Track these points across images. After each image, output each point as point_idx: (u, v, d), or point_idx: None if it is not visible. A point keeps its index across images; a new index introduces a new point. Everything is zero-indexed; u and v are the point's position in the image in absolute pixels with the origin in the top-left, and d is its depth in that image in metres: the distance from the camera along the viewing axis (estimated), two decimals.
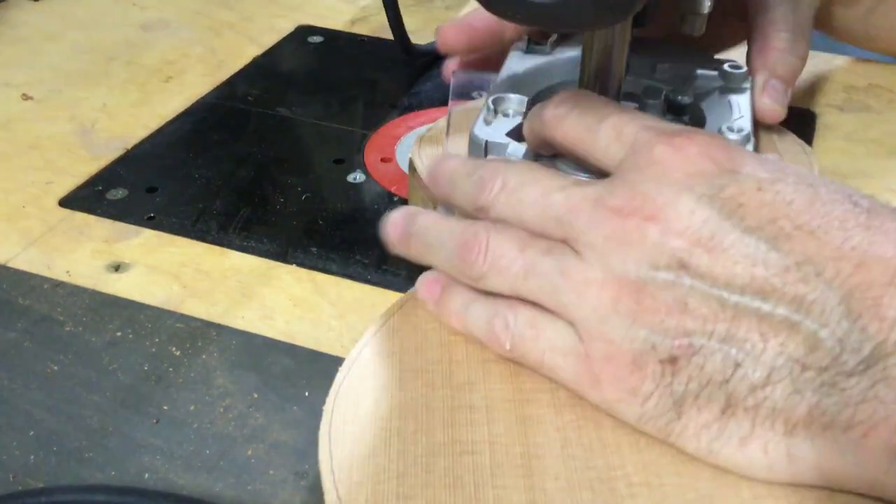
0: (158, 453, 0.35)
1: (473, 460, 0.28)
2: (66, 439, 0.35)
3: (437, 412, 0.30)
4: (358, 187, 0.50)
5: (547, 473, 0.28)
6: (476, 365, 0.32)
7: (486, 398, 0.31)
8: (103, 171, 0.52)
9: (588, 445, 0.29)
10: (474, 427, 0.30)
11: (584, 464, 0.28)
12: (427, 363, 0.32)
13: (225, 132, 0.56)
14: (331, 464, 0.29)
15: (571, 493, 0.27)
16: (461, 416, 0.30)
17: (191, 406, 0.37)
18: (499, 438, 0.29)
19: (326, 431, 0.30)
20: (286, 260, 0.45)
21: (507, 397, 0.31)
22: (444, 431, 0.30)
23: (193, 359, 0.39)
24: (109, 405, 0.37)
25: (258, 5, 0.73)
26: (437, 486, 0.28)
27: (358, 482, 0.28)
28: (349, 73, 0.63)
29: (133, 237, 0.46)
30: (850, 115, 0.58)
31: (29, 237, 0.46)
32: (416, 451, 0.29)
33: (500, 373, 0.32)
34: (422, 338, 0.33)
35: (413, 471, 0.28)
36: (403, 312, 0.35)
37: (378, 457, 0.29)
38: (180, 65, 0.64)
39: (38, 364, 0.38)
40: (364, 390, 0.31)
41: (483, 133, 0.39)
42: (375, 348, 0.33)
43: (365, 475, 0.28)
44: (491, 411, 0.30)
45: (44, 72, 0.63)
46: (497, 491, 0.27)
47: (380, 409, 0.31)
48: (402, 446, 0.29)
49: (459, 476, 0.28)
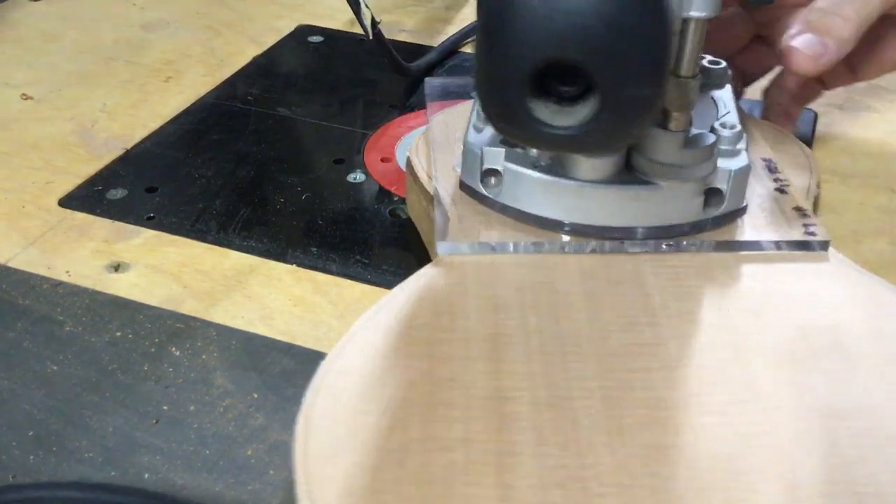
0: (158, 453, 0.35)
1: (447, 457, 0.28)
2: (66, 439, 0.35)
3: (416, 408, 0.30)
4: (358, 187, 0.50)
5: (519, 472, 0.28)
6: (459, 362, 0.32)
7: (466, 396, 0.31)
8: (103, 170, 0.52)
9: (563, 444, 0.29)
10: (451, 424, 0.30)
11: (558, 462, 0.28)
12: (410, 359, 0.32)
13: (225, 132, 0.56)
14: (303, 456, 0.29)
15: (542, 492, 0.27)
16: (439, 412, 0.30)
17: (191, 406, 0.37)
18: (474, 436, 0.29)
19: (303, 424, 0.30)
20: (286, 260, 0.45)
21: (487, 395, 0.31)
22: (420, 428, 0.30)
23: (193, 359, 0.39)
24: (109, 405, 0.37)
25: (258, 5, 0.73)
26: (407, 482, 0.28)
27: (330, 476, 0.28)
28: (349, 73, 0.63)
29: (133, 237, 0.46)
30: (850, 115, 0.58)
31: (29, 237, 0.46)
32: (390, 447, 0.29)
33: (482, 371, 0.32)
34: (406, 334, 0.34)
35: (386, 466, 0.28)
36: (390, 308, 0.35)
37: (352, 451, 0.29)
38: (180, 65, 0.64)
39: (38, 364, 0.38)
40: (344, 384, 0.31)
41: (476, 140, 0.39)
42: (359, 343, 0.33)
43: (337, 469, 0.28)
44: (469, 409, 0.30)
45: (44, 72, 0.63)
46: (468, 488, 0.28)
47: (358, 403, 0.31)
48: (377, 441, 0.29)
49: (431, 473, 0.28)
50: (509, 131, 0.30)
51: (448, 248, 0.38)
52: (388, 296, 0.36)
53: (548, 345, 0.33)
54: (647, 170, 0.37)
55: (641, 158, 0.37)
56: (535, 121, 0.29)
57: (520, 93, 0.28)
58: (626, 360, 0.32)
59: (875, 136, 0.55)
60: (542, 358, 0.32)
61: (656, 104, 0.29)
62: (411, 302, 0.35)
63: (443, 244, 0.38)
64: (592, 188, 0.37)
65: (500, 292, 0.35)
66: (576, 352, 0.32)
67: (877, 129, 0.56)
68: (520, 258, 0.37)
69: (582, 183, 0.37)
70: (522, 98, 0.29)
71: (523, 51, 0.28)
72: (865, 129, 0.56)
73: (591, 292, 0.35)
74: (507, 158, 0.38)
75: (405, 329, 0.34)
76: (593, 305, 0.35)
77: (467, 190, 0.40)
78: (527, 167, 0.38)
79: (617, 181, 0.37)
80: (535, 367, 0.32)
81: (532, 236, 0.38)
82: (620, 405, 0.30)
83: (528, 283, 0.36)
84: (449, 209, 0.40)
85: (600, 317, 0.34)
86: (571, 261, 0.37)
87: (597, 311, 0.34)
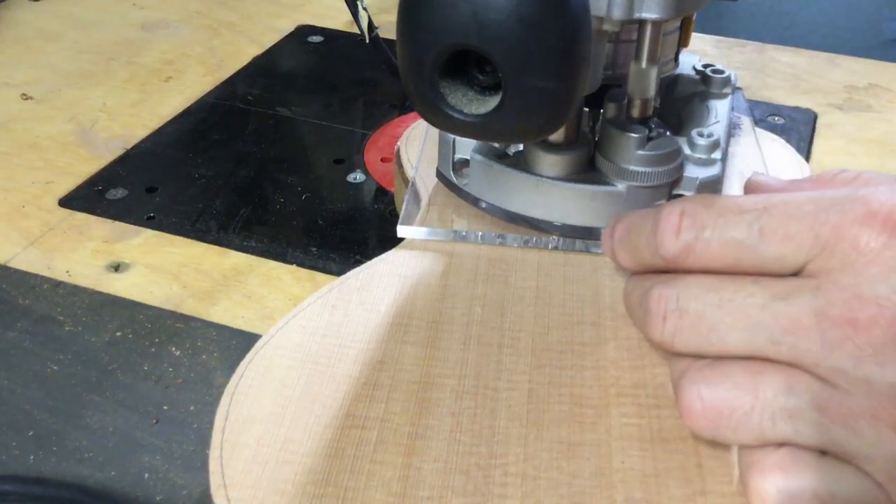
0: (158, 453, 0.35)
1: (360, 435, 0.29)
2: (66, 439, 0.35)
3: (342, 386, 0.31)
4: (358, 187, 0.50)
5: (428, 454, 0.29)
6: (394, 346, 0.33)
7: (394, 378, 0.31)
8: (103, 170, 0.52)
9: (477, 433, 0.29)
10: (372, 404, 0.30)
11: (468, 449, 0.29)
12: (347, 340, 0.33)
13: (225, 132, 0.56)
14: (224, 423, 0.30)
15: (445, 476, 0.28)
16: (364, 392, 0.31)
17: (191, 406, 0.37)
18: (392, 417, 0.30)
19: (230, 391, 0.31)
20: (286, 260, 0.45)
21: (414, 380, 0.31)
22: (341, 405, 0.30)
23: (193, 359, 0.39)
24: (109, 405, 0.37)
25: (258, 5, 0.73)
26: (317, 455, 0.29)
27: (244, 443, 0.29)
28: (349, 73, 0.63)
29: (133, 237, 0.46)
30: (850, 115, 0.58)
31: (29, 237, 0.46)
32: (308, 420, 0.30)
33: (415, 356, 0.32)
34: (350, 315, 0.34)
35: (300, 438, 0.29)
36: (341, 289, 0.35)
37: (270, 422, 0.30)
38: (180, 65, 0.64)
39: (38, 364, 0.38)
40: (277, 358, 0.32)
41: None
42: (301, 320, 0.34)
43: (252, 437, 0.29)
44: (394, 391, 0.31)
45: (44, 72, 0.63)
46: (374, 465, 0.28)
47: (287, 377, 0.31)
48: (296, 414, 0.30)
49: (342, 448, 0.29)
50: (425, 115, 0.31)
51: (407, 231, 0.39)
52: (344, 276, 0.36)
53: (486, 336, 0.33)
54: (606, 171, 0.37)
55: (601, 159, 0.37)
56: (446, 105, 0.30)
57: (431, 78, 0.29)
58: (561, 356, 0.32)
59: (875, 136, 0.55)
60: (477, 348, 0.33)
61: (565, 99, 0.29)
62: (364, 284, 0.36)
63: (403, 228, 0.39)
64: (551, 184, 0.37)
65: (452, 281, 0.36)
66: (512, 345, 0.33)
67: (877, 129, 0.56)
68: (481, 249, 0.38)
69: (540, 178, 0.37)
70: (434, 83, 0.29)
71: (429, 36, 0.28)
72: (865, 129, 0.56)
73: (544, 289, 0.36)
74: (476, 149, 0.38)
75: (351, 309, 0.34)
76: (542, 302, 0.35)
77: (443, 179, 0.40)
78: (492, 159, 0.38)
79: (578, 180, 0.37)
80: (469, 356, 0.32)
81: (498, 228, 0.38)
82: (544, 400, 0.31)
83: (482, 274, 0.36)
84: (423, 197, 0.40)
85: (546, 313, 0.34)
86: (531, 256, 0.37)
87: (544, 308, 0.35)
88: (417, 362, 0.32)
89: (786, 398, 0.26)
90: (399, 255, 0.38)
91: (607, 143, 0.36)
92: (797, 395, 0.26)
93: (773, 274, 0.27)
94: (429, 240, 0.38)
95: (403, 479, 0.28)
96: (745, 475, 0.27)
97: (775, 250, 0.27)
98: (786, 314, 0.26)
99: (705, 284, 0.28)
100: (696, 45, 0.64)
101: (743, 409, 0.27)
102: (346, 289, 0.35)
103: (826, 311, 0.26)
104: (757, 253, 0.27)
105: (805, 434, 0.26)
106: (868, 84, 0.61)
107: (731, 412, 0.27)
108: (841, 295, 0.25)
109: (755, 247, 0.27)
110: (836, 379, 0.25)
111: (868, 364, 0.25)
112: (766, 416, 0.26)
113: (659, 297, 0.29)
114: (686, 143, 0.38)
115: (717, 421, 0.27)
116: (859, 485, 0.25)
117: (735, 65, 0.63)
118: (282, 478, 0.28)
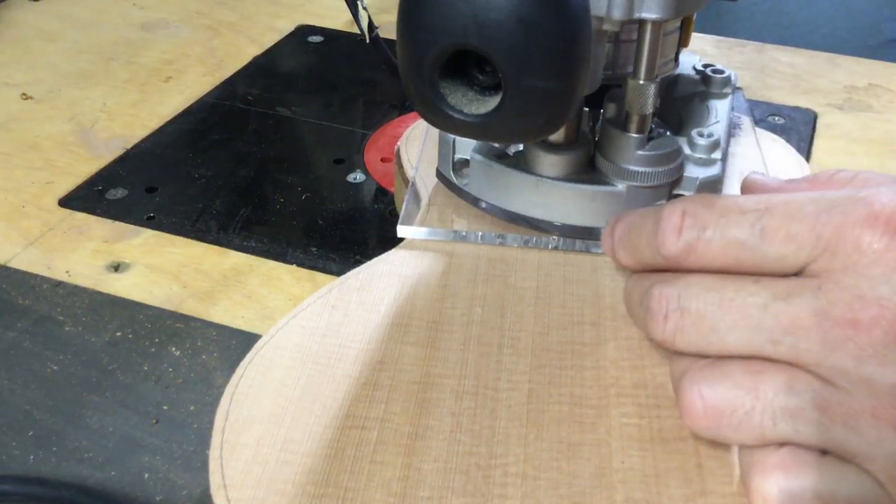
0: (158, 453, 0.35)
1: (360, 435, 0.29)
2: (66, 439, 0.35)
3: (342, 387, 0.31)
4: (358, 187, 0.50)
5: (428, 455, 0.29)
6: (394, 346, 0.33)
7: (394, 378, 0.31)
8: (103, 170, 0.52)
9: (477, 433, 0.29)
10: (372, 404, 0.30)
11: (468, 450, 0.29)
12: (347, 340, 0.33)
13: (225, 132, 0.56)
14: (224, 423, 0.30)
15: (445, 476, 0.28)
16: (364, 392, 0.31)
17: (191, 406, 0.37)
18: (392, 417, 0.30)
19: (230, 391, 0.31)
20: (286, 260, 0.45)
21: (414, 380, 0.31)
22: (341, 405, 0.30)
23: (193, 359, 0.39)
24: (109, 405, 0.37)
25: (258, 5, 0.73)
26: (317, 456, 0.29)
27: (244, 443, 0.29)
28: (349, 73, 0.63)
29: (133, 237, 0.46)
30: (850, 115, 0.58)
31: (29, 237, 0.46)
32: (308, 420, 0.30)
33: (415, 356, 0.32)
34: (350, 315, 0.34)
35: (300, 438, 0.29)
36: (341, 289, 0.35)
37: (270, 422, 0.30)
38: (180, 65, 0.64)
39: (38, 364, 0.38)
40: (277, 358, 0.32)
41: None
42: (301, 320, 0.34)
43: (252, 437, 0.29)
44: (394, 391, 0.31)
45: (43, 72, 0.63)
46: (374, 466, 0.28)
47: (287, 377, 0.31)
48: (296, 414, 0.30)
49: (342, 448, 0.29)
50: (425, 115, 0.31)
51: (407, 231, 0.38)
52: (344, 276, 0.36)
53: (486, 336, 0.33)
54: (606, 171, 0.37)
55: (601, 159, 0.37)
56: (446, 105, 0.30)
57: (431, 78, 0.29)
58: (561, 357, 0.32)
59: (875, 136, 0.55)
60: (477, 348, 0.33)
61: (565, 99, 0.29)
62: (364, 284, 0.36)
63: (403, 228, 0.38)
64: (551, 184, 0.37)
65: (452, 281, 0.36)
66: (512, 345, 0.33)
67: (877, 129, 0.56)
68: (481, 249, 0.38)
69: (540, 178, 0.37)
70: (434, 83, 0.29)
71: (429, 36, 0.28)
72: (865, 129, 0.56)
73: (544, 289, 0.36)
74: (475, 149, 0.38)
75: (351, 309, 0.34)
76: (542, 302, 0.35)
77: (443, 179, 0.40)
78: (492, 159, 0.38)
79: (578, 180, 0.37)
80: (469, 356, 0.32)
81: (498, 228, 0.38)
82: (544, 400, 0.31)
83: (482, 274, 0.36)
84: (423, 197, 0.40)
85: (546, 313, 0.34)
86: (531, 256, 0.37)
87: (544, 308, 0.35)
88: (417, 362, 0.32)
89: (786, 398, 0.26)
90: (399, 255, 0.37)
91: (607, 143, 0.36)
92: (798, 395, 0.26)
93: (774, 274, 0.27)
94: (429, 240, 0.38)
95: (403, 480, 0.28)
96: (746, 475, 0.27)
97: (776, 250, 0.27)
98: (787, 314, 0.26)
99: (706, 284, 0.28)
100: (696, 45, 0.64)
101: (744, 408, 0.27)
102: (346, 289, 0.35)
103: (827, 311, 0.26)
104: (758, 253, 0.27)
105: (806, 434, 0.26)
106: (868, 84, 0.61)
107: (732, 412, 0.27)
108: (842, 295, 0.25)
109: (756, 247, 0.27)
110: (836, 379, 0.25)
111: (869, 364, 0.25)
112: (767, 416, 0.26)
113: (660, 296, 0.29)
114: (686, 143, 0.38)
115: (717, 421, 0.27)
116: (860, 484, 0.25)
117: (735, 65, 0.63)
118: (282, 478, 0.28)
